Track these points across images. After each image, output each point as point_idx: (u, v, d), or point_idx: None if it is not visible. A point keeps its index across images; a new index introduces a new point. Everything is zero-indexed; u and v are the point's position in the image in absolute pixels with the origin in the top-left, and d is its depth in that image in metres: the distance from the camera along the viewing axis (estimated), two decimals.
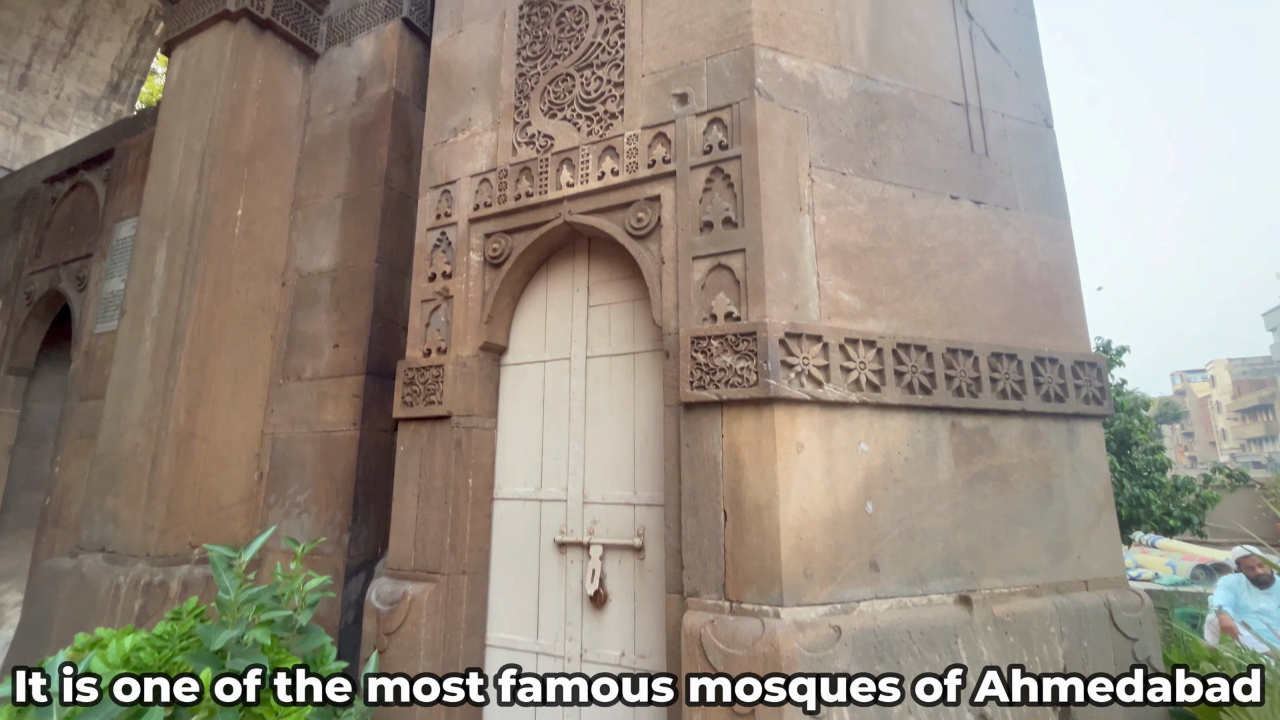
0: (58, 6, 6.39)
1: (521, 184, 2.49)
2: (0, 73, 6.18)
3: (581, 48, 2.51)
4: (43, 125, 6.47)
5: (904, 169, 2.25)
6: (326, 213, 3.30)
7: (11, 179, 5.71)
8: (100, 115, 6.86)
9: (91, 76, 6.72)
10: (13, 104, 6.26)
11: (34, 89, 6.38)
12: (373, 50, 3.42)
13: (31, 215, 5.25)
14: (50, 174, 5.21)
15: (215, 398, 3.00)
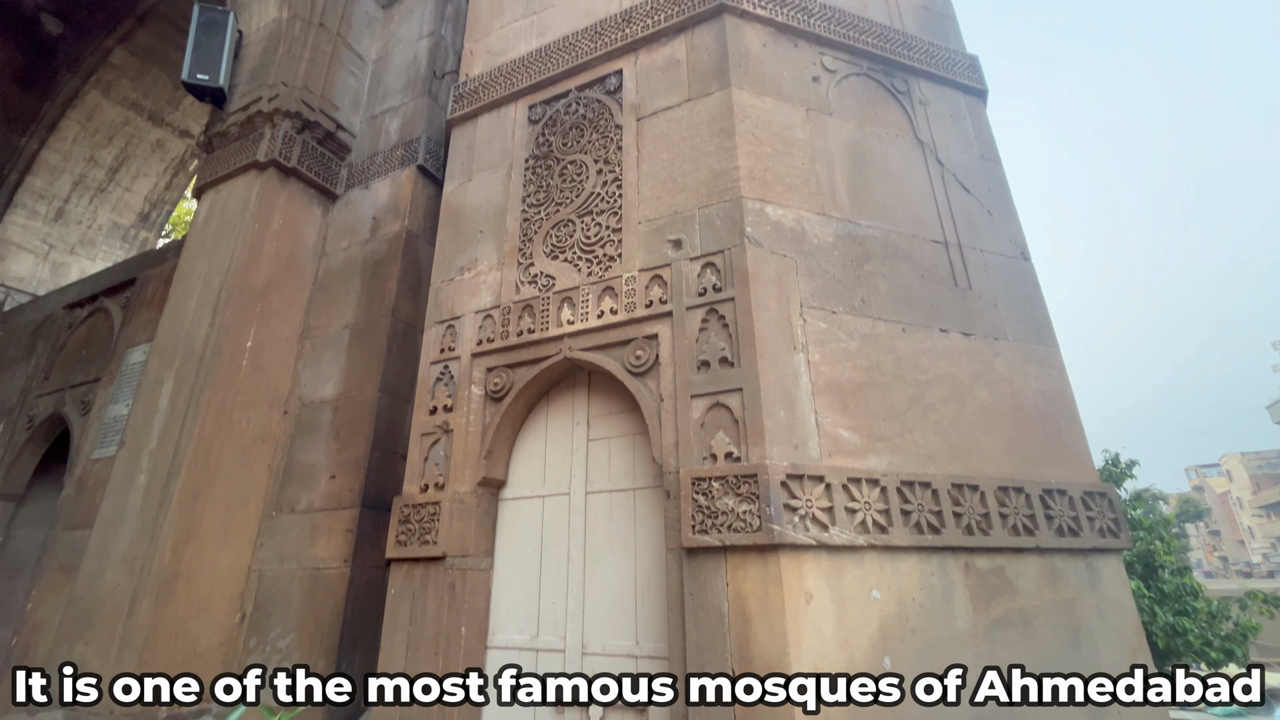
0: (102, 148, 6.96)
1: (524, 321, 2.58)
2: (39, 206, 6.61)
3: (582, 196, 2.69)
4: (72, 253, 6.82)
5: (892, 305, 2.34)
6: (334, 342, 3.39)
7: (34, 304, 5.93)
8: (128, 243, 7.25)
9: (124, 208, 7.18)
10: (46, 234, 6.64)
11: (68, 220, 6.79)
12: (388, 193, 3.67)
13: (46, 339, 5.39)
14: (71, 300, 5.42)
15: (205, 533, 2.92)
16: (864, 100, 2.76)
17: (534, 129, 3.00)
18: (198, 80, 3.75)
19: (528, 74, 3.09)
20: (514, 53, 3.24)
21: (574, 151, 2.81)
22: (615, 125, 2.74)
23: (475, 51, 3.46)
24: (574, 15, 3.14)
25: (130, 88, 6.84)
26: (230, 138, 3.81)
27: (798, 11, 2.76)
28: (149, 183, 7.31)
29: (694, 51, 2.67)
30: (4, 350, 5.82)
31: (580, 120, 2.86)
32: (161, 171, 7.38)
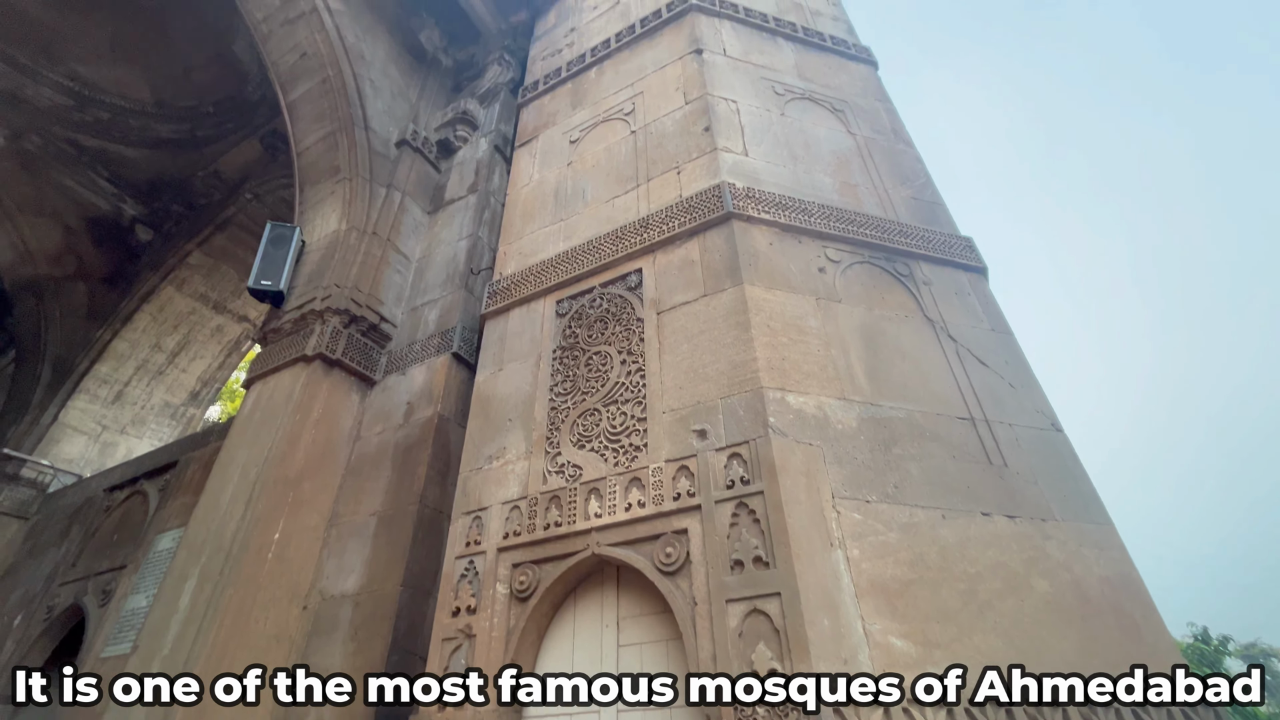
0: (168, 335, 7.59)
1: (551, 513, 2.55)
2: (101, 390, 7.07)
3: (607, 386, 2.80)
4: (122, 433, 7.15)
5: (927, 490, 2.27)
6: (360, 530, 3.37)
7: (77, 486, 6.11)
8: (176, 420, 7.61)
9: (178, 388, 7.65)
10: (101, 416, 7.02)
11: (125, 402, 7.22)
12: (424, 378, 3.87)
13: (82, 523, 5.47)
14: (113, 483, 5.57)
15: None
16: (870, 285, 2.93)
17: (561, 322, 3.21)
18: (261, 286, 4.18)
19: (556, 273, 3.39)
20: (544, 254, 3.58)
21: (599, 343, 2.97)
22: (637, 318, 2.92)
23: (509, 253, 3.83)
24: (597, 221, 3.50)
25: (201, 282, 7.63)
26: (284, 333, 4.14)
27: (798, 213, 3.05)
28: (204, 364, 7.85)
29: (707, 252, 2.92)
30: (40, 535, 5.89)
31: (604, 314, 3.06)
32: (217, 353, 7.96)
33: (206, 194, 7.79)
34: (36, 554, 5.68)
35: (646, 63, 4.17)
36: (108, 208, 7.99)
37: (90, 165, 7.83)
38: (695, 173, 3.26)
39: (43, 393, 6.78)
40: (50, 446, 6.54)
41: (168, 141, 7.85)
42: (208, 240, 7.54)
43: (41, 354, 7.00)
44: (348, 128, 4.86)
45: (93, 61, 7.35)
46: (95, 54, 7.35)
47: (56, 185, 7.60)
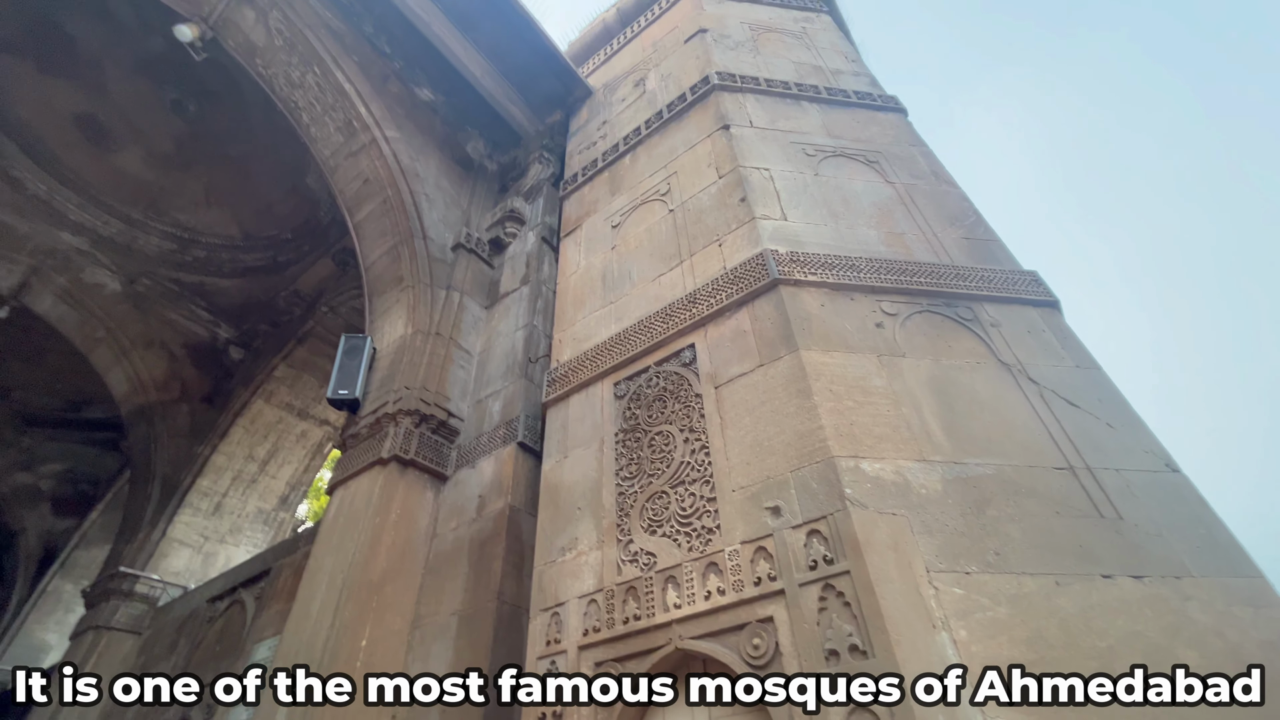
0: (259, 445, 8.13)
1: (629, 606, 2.48)
2: (202, 504, 7.57)
3: (673, 467, 2.76)
4: (222, 542, 7.57)
5: (1034, 554, 2.08)
6: (443, 632, 3.37)
7: (183, 599, 6.45)
8: (268, 526, 8.01)
9: (269, 494, 8.10)
10: (203, 527, 7.48)
11: (224, 512, 7.69)
12: (492, 471, 3.94)
13: (188, 635, 5.73)
14: (214, 593, 5.86)
15: None
16: (933, 335, 2.82)
17: (620, 404, 3.24)
18: (339, 396, 4.45)
19: (610, 355, 3.44)
20: (597, 338, 3.66)
21: (660, 423, 2.96)
22: (695, 394, 2.91)
23: (563, 339, 3.94)
24: (645, 301, 3.57)
25: (287, 393, 8.20)
26: (361, 438, 4.34)
27: (846, 270, 3.01)
28: (291, 468, 8.31)
29: (757, 321, 2.91)
30: (151, 649, 6.21)
31: (662, 392, 3.06)
32: (302, 457, 8.44)
33: (288, 311, 8.50)
34: (149, 667, 5.97)
35: (677, 144, 4.35)
36: (205, 334, 8.82)
37: (190, 298, 8.74)
38: (736, 243, 3.31)
39: (153, 510, 7.32)
40: (159, 561, 6.98)
41: (254, 269, 8.70)
42: (290, 354, 8.15)
43: (152, 474, 7.61)
44: (408, 240, 5.24)
45: (191, 209, 8.34)
46: (193, 203, 8.35)
47: (162, 319, 8.49)
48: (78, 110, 7.46)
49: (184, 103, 7.53)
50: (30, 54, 6.94)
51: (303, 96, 5.54)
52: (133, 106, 7.50)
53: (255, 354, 8.76)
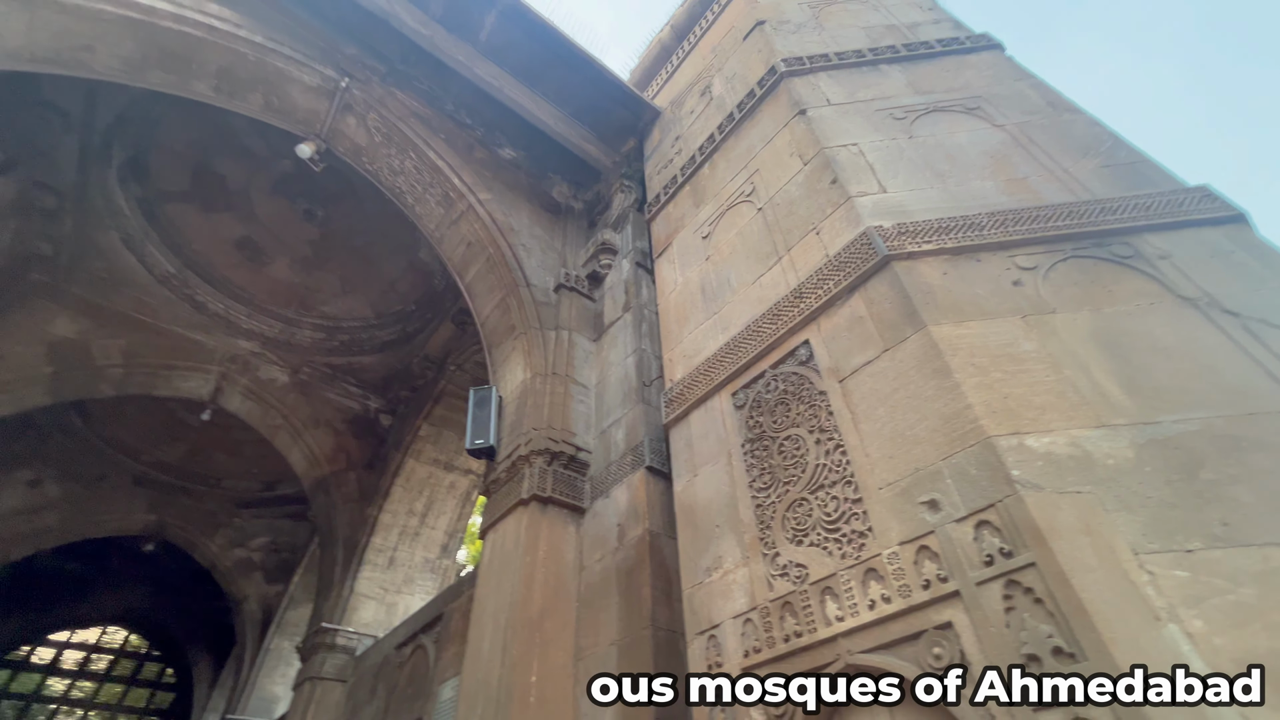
0: (416, 500, 8.89)
1: (786, 623, 2.36)
2: (378, 559, 8.37)
3: (808, 472, 2.62)
4: (398, 593, 8.31)
5: (1276, 519, 1.71)
6: (603, 663, 3.42)
7: (375, 647, 7.13)
8: (435, 573, 8.69)
9: (431, 544, 8.80)
10: (381, 580, 8.26)
11: (396, 565, 8.45)
12: (626, 498, 3.99)
13: (384, 680, 6.31)
14: (399, 641, 6.42)
15: None
16: (1086, 283, 2.47)
17: (741, 414, 3.15)
18: (475, 446, 4.75)
19: (722, 366, 3.38)
20: (706, 351, 3.61)
21: (786, 427, 2.83)
22: (818, 392, 2.76)
23: (673, 359, 3.93)
24: (749, 305, 3.48)
25: (432, 449, 8.92)
26: (501, 482, 4.59)
27: (965, 231, 2.74)
28: (446, 518, 8.99)
29: (873, 305, 2.71)
30: (356, 694, 6.91)
31: (783, 395, 2.94)
32: (454, 506, 9.10)
33: (422, 375, 9.29)
34: (356, 713, 6.63)
35: (754, 141, 4.24)
36: (359, 407, 9.86)
37: (342, 378, 9.83)
38: (835, 228, 3.13)
39: (340, 570, 8.21)
40: (351, 614, 7.79)
41: (389, 343, 9.63)
42: (430, 413, 8.88)
43: (335, 537, 8.57)
44: (514, 290, 5.54)
45: (331, 301, 9.44)
46: (332, 295, 9.44)
47: (323, 400, 9.62)
48: (236, 236, 8.76)
49: (313, 210, 8.59)
50: (196, 198, 8.28)
51: (404, 181, 6.10)
52: (275, 223, 8.67)
53: (401, 418, 9.64)
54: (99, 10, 4.58)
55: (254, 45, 5.20)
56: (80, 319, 8.08)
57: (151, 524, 11.66)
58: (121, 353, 8.24)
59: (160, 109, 7.29)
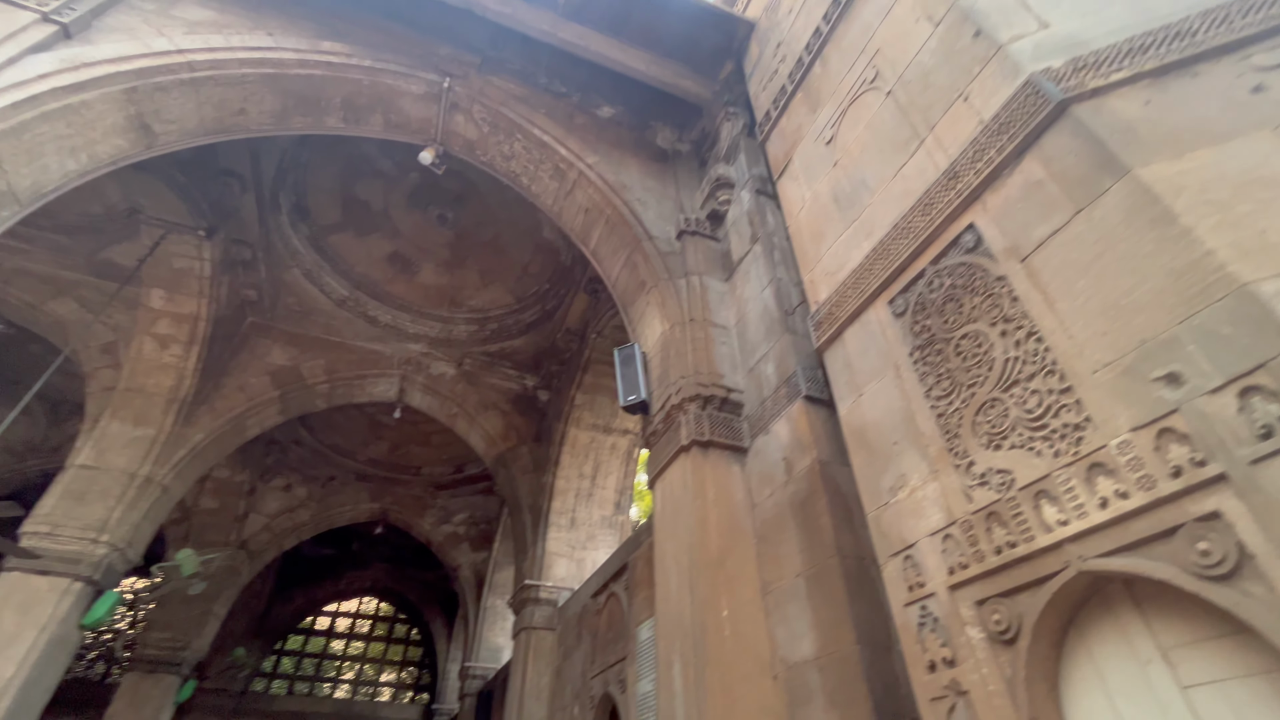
0: (583, 464, 9.48)
1: (995, 534, 2.14)
2: (561, 521, 9.11)
3: (995, 369, 2.32)
4: (583, 549, 9.00)
5: None
6: (793, 595, 3.40)
7: (573, 598, 7.82)
8: (612, 529, 9.27)
9: (604, 503, 9.37)
10: (568, 540, 8.98)
11: (577, 525, 9.13)
12: (788, 432, 3.87)
13: (587, 627, 6.90)
14: (593, 591, 6.95)
15: None
16: None
17: (902, 322, 2.87)
18: (629, 402, 4.89)
19: (872, 276, 3.09)
20: (850, 263, 3.33)
21: (960, 325, 2.53)
22: (995, 278, 2.41)
23: (814, 280, 3.69)
24: (892, 202, 3.13)
25: (589, 416, 9.41)
26: (659, 434, 4.70)
27: (1171, 42, 2.18)
28: (614, 478, 9.49)
29: (1052, 163, 2.28)
30: (565, 640, 7.65)
31: (951, 291, 2.62)
32: (619, 465, 9.58)
33: (567, 348, 9.77)
34: (568, 656, 7.35)
35: (869, 18, 3.75)
36: (518, 388, 10.65)
37: (498, 364, 10.66)
38: (988, 86, 2.67)
39: (530, 534, 9.06)
40: (547, 571, 8.58)
41: (532, 324, 10.22)
42: (581, 383, 9.34)
43: (520, 506, 9.44)
44: (637, 246, 5.55)
45: (476, 294, 10.19)
46: (475, 289, 10.18)
47: (487, 385, 10.51)
48: (386, 252, 9.73)
49: (444, 215, 9.26)
50: (349, 226, 9.29)
51: (517, 164, 6.31)
52: (415, 233, 9.49)
53: (556, 391, 10.26)
54: (242, 75, 5.20)
55: (365, 70, 5.61)
56: (288, 348, 9.55)
57: (376, 511, 13.72)
58: (324, 370, 9.62)
59: (306, 153, 8.22)
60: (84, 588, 6.83)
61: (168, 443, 7.96)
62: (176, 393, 8.16)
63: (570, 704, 6.81)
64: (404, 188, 8.91)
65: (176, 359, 8.19)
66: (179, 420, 8.10)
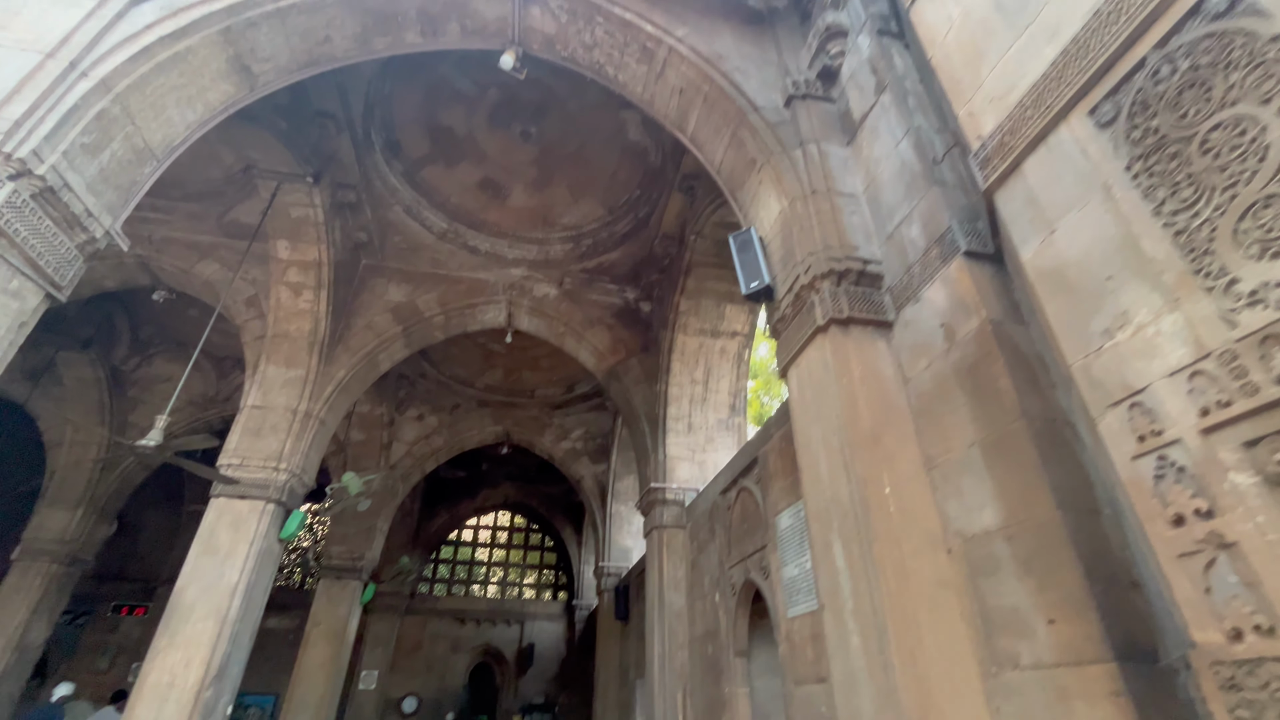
0: (693, 369, 9.42)
1: (1276, 362, 1.74)
2: (678, 426, 9.22)
3: (1272, 158, 1.81)
4: (703, 451, 9.10)
5: None
6: (965, 466, 3.14)
7: (701, 496, 7.98)
8: (729, 431, 9.28)
9: (719, 406, 9.34)
10: (687, 444, 9.11)
11: (695, 430, 9.21)
12: (944, 295, 3.47)
13: (719, 522, 7.04)
14: (721, 488, 7.03)
15: (935, 697, 2.81)
16: None
17: (1111, 131, 2.34)
18: (751, 289, 4.61)
19: (1062, 85, 2.54)
20: (1027, 78, 2.76)
21: (1208, 115, 2.00)
22: (1270, 39, 1.85)
23: (974, 112, 3.13)
24: None
25: (695, 321, 9.23)
26: (788, 320, 4.42)
27: None
28: (726, 380, 9.39)
29: None
30: (697, 536, 7.89)
31: (1191, 76, 2.07)
32: (729, 368, 9.44)
33: (665, 254, 9.49)
34: (702, 548, 7.60)
35: None
36: (620, 302, 10.61)
37: (597, 279, 10.62)
38: None
39: (649, 441, 9.26)
40: (671, 474, 8.79)
41: (627, 234, 9.98)
42: (684, 288, 9.11)
43: (637, 415, 9.63)
44: (741, 120, 5.06)
45: (567, 211, 10.04)
46: (566, 205, 10.02)
47: (589, 302, 10.56)
48: (477, 179, 9.71)
49: (527, 130, 9.00)
50: (439, 157, 9.30)
51: (600, 53, 5.87)
52: (501, 155, 9.35)
53: (658, 301, 10.12)
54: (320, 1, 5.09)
55: None
56: (402, 285, 10.00)
57: (500, 433, 14.65)
58: (437, 303, 10.03)
59: (389, 84, 8.17)
60: (275, 508, 7.84)
61: (316, 381, 8.73)
62: (315, 335, 8.84)
63: (710, 592, 7.09)
64: (484, 107, 8.70)
65: (310, 304, 8.81)
66: (322, 360, 8.82)
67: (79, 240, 3.89)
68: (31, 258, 3.57)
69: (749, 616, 6.22)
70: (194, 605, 6.98)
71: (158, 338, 12.81)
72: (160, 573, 16.40)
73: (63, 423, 12.37)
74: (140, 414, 12.68)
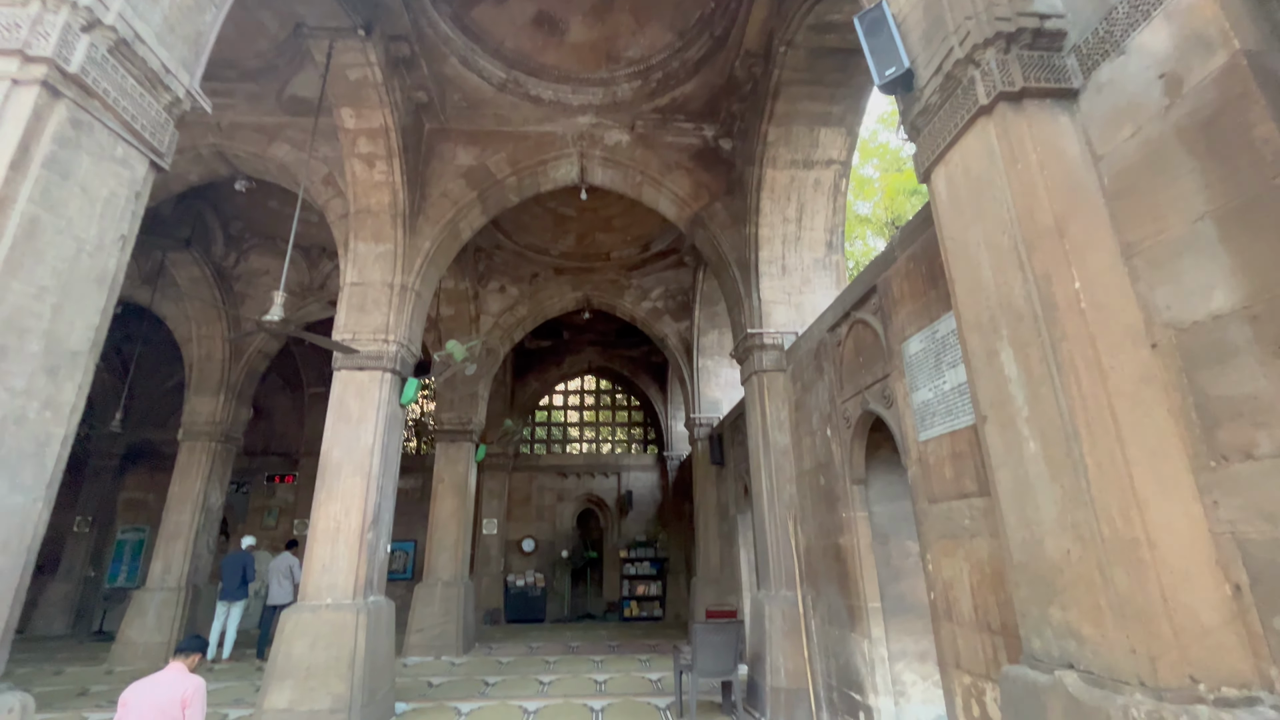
0: (785, 207, 8.74)
1: None
2: (771, 269, 8.77)
3: None
4: (799, 293, 8.69)
5: None
6: (1187, 244, 2.64)
7: (804, 337, 7.73)
8: (827, 269, 8.74)
9: (815, 245, 8.74)
10: (782, 287, 8.71)
11: (789, 272, 8.74)
12: (1167, 35, 2.74)
13: (827, 359, 6.82)
14: (829, 324, 6.71)
15: (1141, 494, 2.59)
16: None
17: None
18: (887, 77, 3.92)
19: None
20: None
21: None
22: None
23: None
24: None
25: (785, 151, 8.38)
26: (934, 108, 3.76)
27: None
28: (822, 217, 8.68)
29: None
30: (801, 376, 7.76)
31: None
32: (825, 202, 8.68)
33: (748, 78, 8.44)
34: (807, 388, 7.49)
35: None
36: (697, 142, 9.77)
37: (670, 119, 9.73)
38: None
39: (741, 287, 8.91)
40: (766, 319, 8.53)
41: (701, 60, 8.90)
42: (771, 114, 8.16)
43: (725, 261, 9.21)
44: None
45: (632, 42, 8.99)
46: (630, 34, 8.95)
47: (664, 145, 9.78)
48: (530, 15, 8.73)
49: None
50: None
51: None
52: None
53: (740, 135, 9.23)
54: None
55: None
56: (470, 147, 9.56)
57: (580, 299, 14.69)
58: (508, 163, 9.59)
59: None
60: (392, 377, 8.29)
61: (405, 254, 8.77)
62: (395, 208, 8.74)
63: (819, 428, 7.07)
64: None
65: (385, 175, 8.61)
66: (407, 232, 8.79)
67: (165, 101, 3.70)
68: (127, 120, 3.44)
69: (865, 447, 6.18)
70: (341, 464, 7.72)
71: (247, 232, 13.22)
72: (297, 448, 18.48)
73: (186, 320, 13.39)
74: (248, 308, 13.49)
